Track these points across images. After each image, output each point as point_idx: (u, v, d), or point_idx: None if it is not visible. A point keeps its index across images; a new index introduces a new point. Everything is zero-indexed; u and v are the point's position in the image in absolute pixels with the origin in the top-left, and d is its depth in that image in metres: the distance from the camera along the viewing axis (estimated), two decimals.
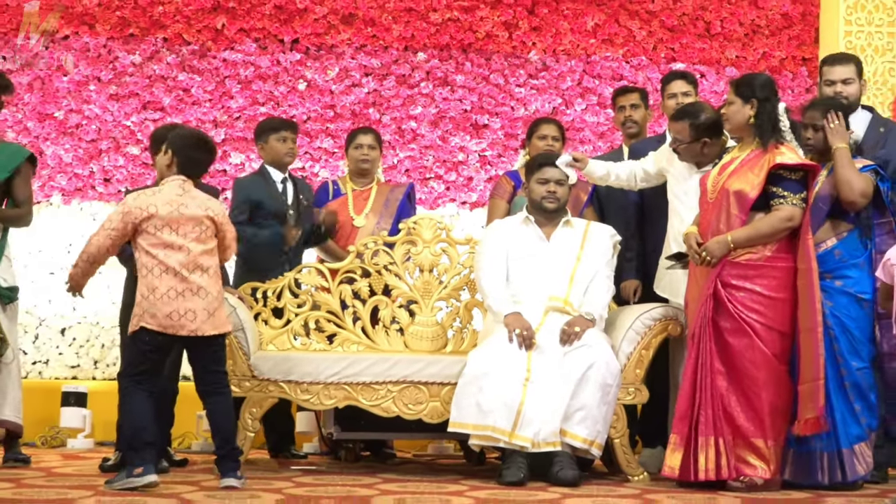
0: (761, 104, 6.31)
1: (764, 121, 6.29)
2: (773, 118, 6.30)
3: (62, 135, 9.55)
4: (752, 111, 6.33)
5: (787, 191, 6.20)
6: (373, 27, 9.71)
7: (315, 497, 5.73)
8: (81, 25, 9.58)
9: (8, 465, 6.90)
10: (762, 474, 6.17)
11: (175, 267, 5.75)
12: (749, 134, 6.38)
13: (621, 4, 9.81)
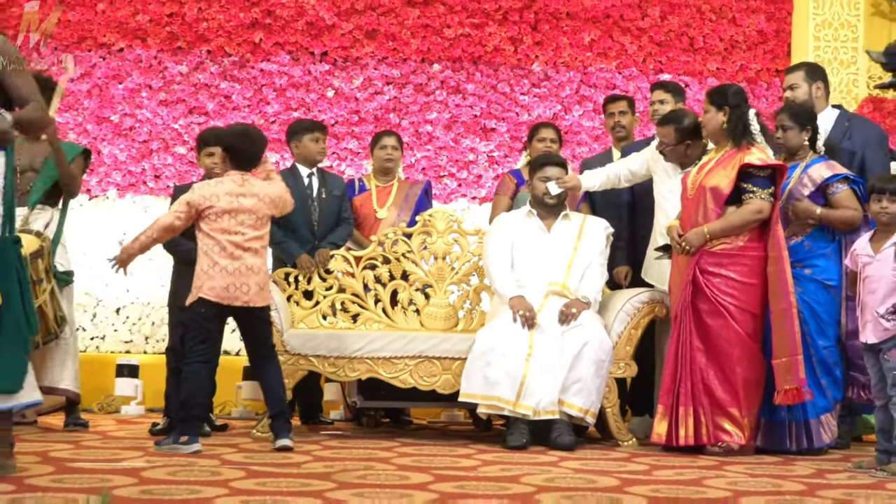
0: (733, 110, 6.36)
1: (735, 125, 6.34)
2: (743, 122, 6.33)
3: (117, 136, 9.55)
4: (724, 117, 6.38)
5: (756, 186, 6.24)
6: (393, 41, 9.70)
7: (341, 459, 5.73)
8: (135, 39, 9.59)
9: (68, 428, 6.93)
10: (737, 440, 6.20)
11: (231, 249, 5.86)
12: (723, 137, 6.42)
13: (615, 22, 9.79)
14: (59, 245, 6.87)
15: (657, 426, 6.36)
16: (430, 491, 4.71)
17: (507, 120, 9.72)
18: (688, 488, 4.96)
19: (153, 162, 9.55)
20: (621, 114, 7.70)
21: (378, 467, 5.43)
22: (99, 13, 9.58)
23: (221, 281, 5.86)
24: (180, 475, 5.00)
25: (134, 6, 9.59)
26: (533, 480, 5.07)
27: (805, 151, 6.51)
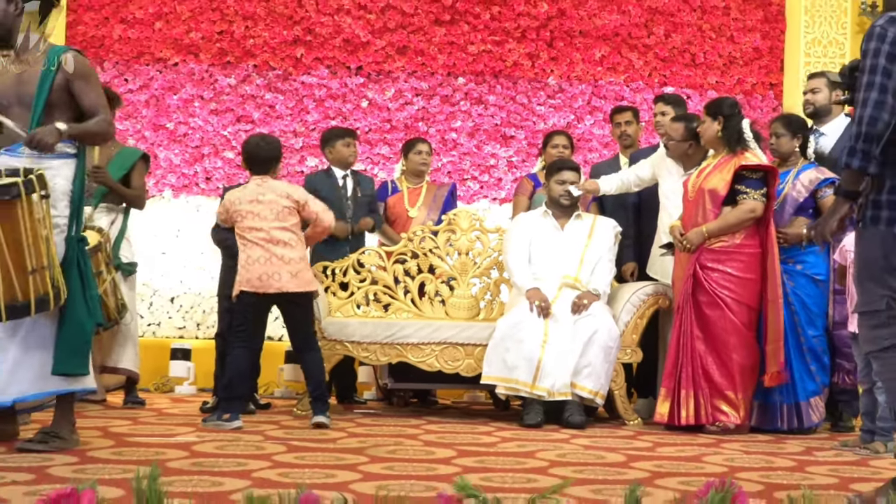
0: (727, 120, 6.40)
1: (729, 133, 6.39)
2: (737, 130, 6.38)
3: (172, 142, 9.57)
4: (719, 126, 6.43)
5: (749, 187, 6.28)
6: (422, 56, 9.69)
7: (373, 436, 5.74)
8: (188, 54, 9.61)
9: (127, 406, 6.96)
10: (734, 420, 6.21)
11: (260, 242, 5.94)
12: (719, 144, 6.46)
13: (623, 39, 9.76)
14: (123, 239, 6.92)
15: (660, 407, 6.37)
16: (453, 465, 4.72)
17: (524, 128, 9.70)
18: (688, 464, 4.95)
19: (204, 165, 9.56)
20: (627, 123, 7.70)
21: (406, 443, 5.44)
22: (156, 31, 9.60)
23: (256, 272, 5.95)
24: (227, 449, 5.02)
25: (187, 24, 9.61)
26: (547, 456, 5.08)
27: (796, 158, 6.52)
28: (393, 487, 4.01)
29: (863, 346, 4.07)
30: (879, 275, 3.82)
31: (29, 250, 4.67)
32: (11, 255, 4.65)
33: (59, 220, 4.88)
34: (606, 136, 9.52)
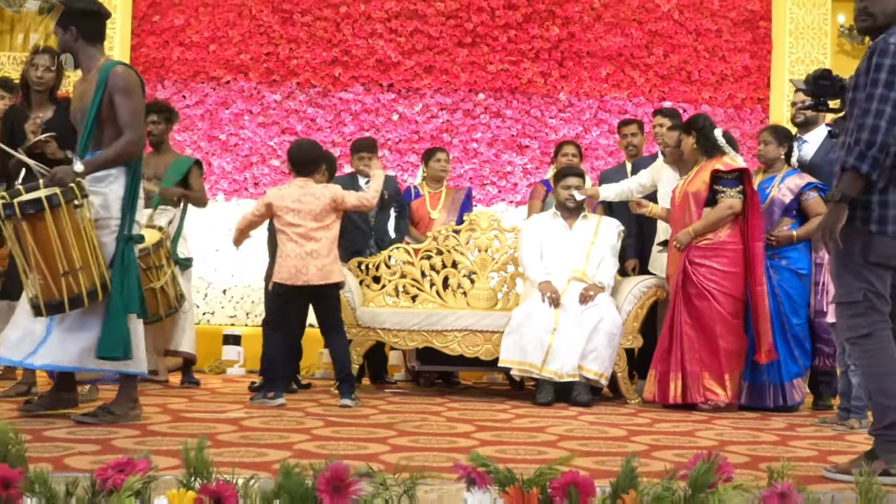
0: (699, 132, 6.47)
1: (703, 143, 6.45)
2: (710, 140, 6.43)
3: (224, 151, 9.61)
4: (693, 139, 6.48)
5: (725, 186, 6.33)
6: (446, 75, 9.69)
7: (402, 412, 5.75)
8: (239, 73, 9.64)
9: (184, 385, 6.98)
10: (723, 399, 6.20)
11: (296, 239, 5.94)
12: (697, 154, 6.51)
13: (626, 59, 9.74)
14: (180, 238, 6.95)
15: (649, 386, 6.42)
16: (472, 438, 4.72)
17: (537, 139, 9.69)
18: (682, 438, 4.94)
19: (253, 172, 9.60)
20: (633, 135, 7.68)
21: (431, 419, 5.45)
22: (210, 52, 9.64)
23: (288, 266, 5.94)
24: (272, 424, 5.04)
25: (238, 47, 9.64)
26: (556, 430, 5.08)
27: (781, 164, 6.52)
28: (417, 458, 4.02)
29: (840, 333, 4.06)
30: (858, 270, 3.81)
31: (59, 255, 4.68)
32: (45, 261, 4.68)
33: (112, 222, 4.90)
34: (611, 145, 9.50)
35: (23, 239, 4.68)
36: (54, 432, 4.49)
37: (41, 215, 4.61)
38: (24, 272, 4.77)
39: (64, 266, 4.67)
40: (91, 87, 4.88)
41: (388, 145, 9.52)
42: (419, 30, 9.69)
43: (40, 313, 4.76)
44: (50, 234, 4.65)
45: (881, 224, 3.76)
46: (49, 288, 4.69)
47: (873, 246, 3.77)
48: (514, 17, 9.72)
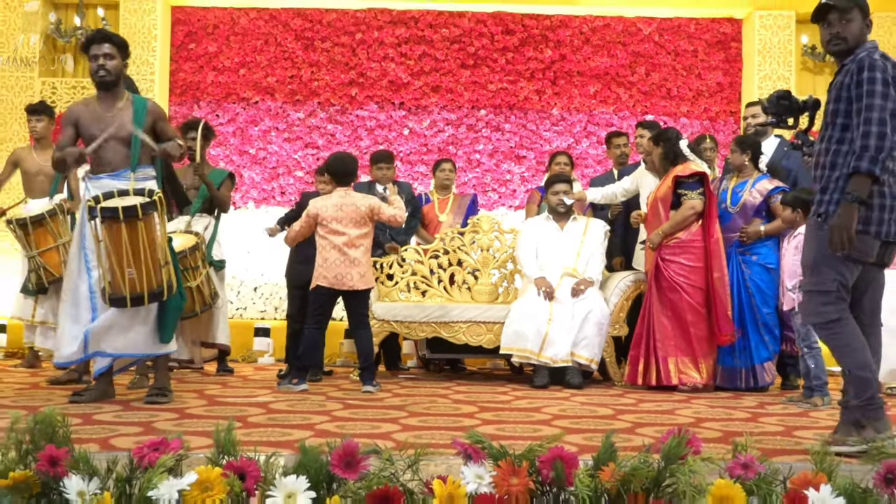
0: (665, 144, 6.52)
1: (668, 153, 6.50)
2: (674, 151, 6.49)
3: (254, 164, 9.62)
4: (660, 150, 6.53)
5: (687, 189, 6.39)
6: (451, 94, 9.70)
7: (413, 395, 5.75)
8: (266, 94, 9.67)
9: (219, 373, 6.99)
10: (699, 381, 6.23)
11: (339, 245, 5.90)
12: (664, 162, 6.54)
13: (612, 77, 9.74)
14: (214, 242, 6.96)
15: (627, 369, 6.48)
16: (475, 418, 4.72)
17: (533, 150, 9.69)
18: (663, 416, 4.93)
19: (279, 182, 9.61)
20: (624, 145, 7.70)
21: (439, 401, 5.44)
22: (240, 76, 9.66)
23: (332, 272, 5.90)
24: (297, 407, 5.04)
25: (265, 70, 9.66)
26: (550, 410, 5.07)
27: (750, 170, 6.50)
28: (424, 436, 4.02)
29: (807, 318, 4.01)
30: (834, 263, 3.78)
31: (145, 254, 4.83)
32: (135, 258, 4.83)
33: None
34: (600, 155, 9.50)
35: (114, 238, 4.80)
36: (102, 416, 4.51)
37: (135, 221, 4.79)
38: (115, 270, 4.86)
39: (149, 264, 4.85)
40: (127, 114, 5.07)
41: (400, 157, 9.53)
42: (427, 53, 9.70)
43: (122, 305, 4.88)
44: (139, 234, 4.81)
45: (865, 224, 3.74)
46: (135, 283, 4.83)
47: (855, 244, 3.73)
48: (512, 42, 9.72)
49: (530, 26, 9.73)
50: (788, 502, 2.10)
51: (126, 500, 2.14)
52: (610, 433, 2.32)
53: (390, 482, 2.12)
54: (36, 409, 4.69)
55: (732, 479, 2.15)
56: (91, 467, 2.18)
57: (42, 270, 6.48)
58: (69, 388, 5.59)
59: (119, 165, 5.03)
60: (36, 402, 5.06)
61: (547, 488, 2.16)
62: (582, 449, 3.58)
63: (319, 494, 2.14)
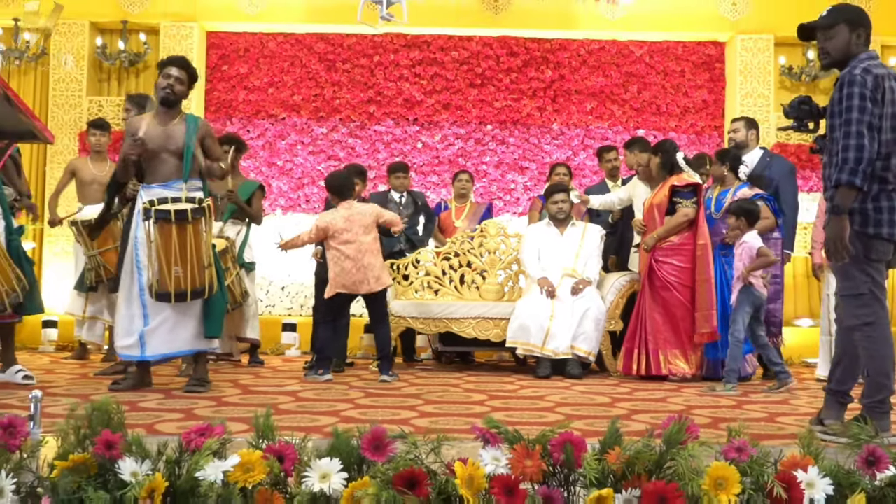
0: (663, 154, 6.50)
1: (664, 163, 6.48)
2: (671, 161, 6.46)
3: (281, 175, 9.62)
4: (658, 160, 6.52)
5: (682, 198, 6.37)
6: (460, 111, 9.68)
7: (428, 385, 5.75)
8: (292, 111, 9.66)
9: (251, 365, 7.00)
10: (687, 371, 6.23)
11: (352, 254, 5.86)
12: (661, 171, 6.52)
13: (607, 95, 9.71)
14: (246, 246, 6.97)
15: (619, 360, 6.47)
16: (485, 405, 4.72)
17: (535, 161, 9.67)
18: (656, 404, 4.93)
19: (304, 192, 9.60)
20: (615, 159, 7.68)
21: (451, 390, 5.45)
22: (269, 95, 9.66)
23: (350, 279, 5.88)
24: (322, 395, 5.05)
25: (291, 90, 9.66)
26: (553, 398, 5.07)
27: (732, 180, 6.46)
28: (440, 422, 4.02)
29: (846, 321, 3.84)
30: (862, 267, 3.70)
31: (191, 255, 4.91)
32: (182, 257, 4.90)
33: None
34: (595, 166, 9.45)
35: (165, 239, 4.87)
36: (147, 404, 4.52)
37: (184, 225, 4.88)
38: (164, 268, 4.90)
39: (194, 264, 4.91)
40: (180, 129, 5.12)
41: (414, 168, 9.51)
42: (438, 74, 9.69)
43: (167, 300, 4.94)
44: (188, 237, 4.89)
45: (877, 227, 3.68)
46: (182, 280, 4.89)
47: (872, 246, 3.70)
48: (515, 63, 9.71)
49: (532, 49, 9.72)
50: (779, 482, 2.09)
51: (175, 480, 2.14)
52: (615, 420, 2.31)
53: (415, 464, 2.11)
54: (86, 397, 4.73)
55: (727, 461, 2.14)
56: (143, 450, 2.18)
57: (101, 268, 6.57)
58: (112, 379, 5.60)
59: (172, 176, 5.09)
60: (86, 390, 5.09)
61: (558, 469, 2.15)
62: (584, 434, 3.57)
63: (351, 475, 2.13)
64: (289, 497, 2.10)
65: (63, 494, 2.11)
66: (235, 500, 2.08)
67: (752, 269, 5.63)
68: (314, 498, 2.08)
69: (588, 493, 2.08)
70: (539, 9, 8.73)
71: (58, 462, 2.15)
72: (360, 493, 2.06)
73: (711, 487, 2.08)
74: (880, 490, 2.16)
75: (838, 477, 2.14)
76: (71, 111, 9.27)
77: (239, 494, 2.10)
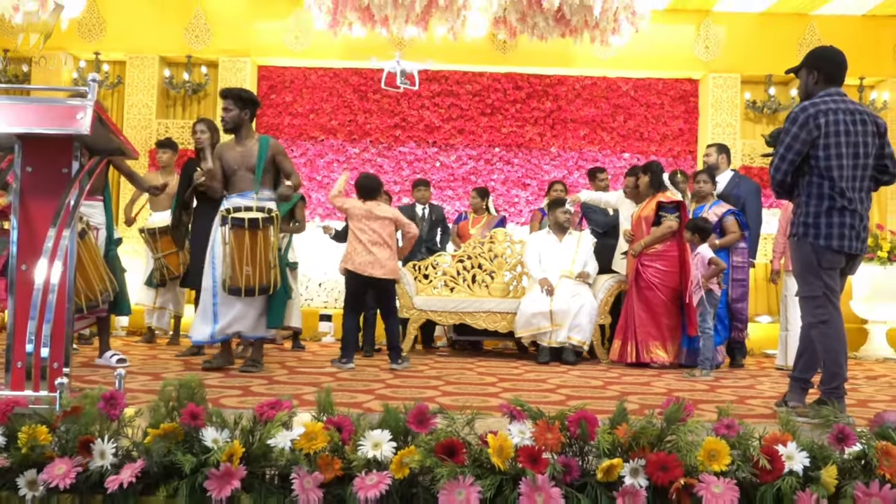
0: (651, 174, 6.48)
1: (652, 182, 6.48)
2: (658, 180, 6.47)
3: (320, 188, 9.64)
4: (647, 178, 6.51)
5: (667, 213, 6.36)
6: (472, 135, 9.70)
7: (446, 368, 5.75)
8: (329, 134, 9.68)
9: (294, 349, 7.03)
10: (667, 360, 6.23)
11: (364, 241, 5.69)
12: (649, 189, 6.51)
13: (598, 124, 9.71)
14: (290, 247, 6.98)
15: (613, 349, 6.47)
16: (496, 387, 4.72)
17: (536, 179, 9.67)
18: (642, 387, 4.92)
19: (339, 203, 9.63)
20: (602, 179, 7.65)
21: (467, 373, 5.45)
22: (310, 120, 9.69)
23: (357, 260, 5.68)
24: (357, 376, 5.06)
25: (329, 116, 9.68)
26: (553, 381, 5.07)
27: (710, 197, 6.47)
28: (460, 400, 4.03)
29: (804, 319, 3.88)
30: (818, 273, 3.76)
31: (259, 257, 4.94)
32: (254, 259, 4.92)
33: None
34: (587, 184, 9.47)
35: (239, 242, 4.89)
36: (210, 382, 4.53)
37: (256, 232, 4.92)
38: (236, 267, 4.92)
39: (262, 265, 4.93)
40: (253, 149, 5.11)
41: (433, 183, 9.52)
42: (454, 104, 9.70)
43: (237, 294, 4.95)
44: (258, 241, 4.92)
45: (828, 240, 3.73)
46: (251, 278, 4.92)
47: (825, 255, 3.75)
48: (520, 95, 9.72)
49: (534, 83, 9.73)
50: (764, 454, 2.09)
51: (249, 447, 2.15)
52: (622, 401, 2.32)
53: (453, 436, 2.12)
54: (157, 375, 4.74)
55: (718, 436, 2.14)
56: (223, 421, 2.19)
57: (164, 269, 6.63)
58: (187, 359, 5.63)
59: (246, 188, 5.10)
60: (156, 369, 5.10)
61: (574, 442, 2.16)
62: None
63: (399, 444, 2.14)
64: (346, 462, 2.10)
65: (156, 457, 2.12)
66: (301, 464, 2.09)
67: (709, 277, 5.70)
68: (368, 463, 2.09)
69: (600, 462, 2.09)
70: (541, 49, 8.71)
71: (151, 430, 2.16)
72: (407, 459, 2.07)
73: (705, 458, 2.08)
74: (848, 462, 2.16)
75: (813, 451, 2.14)
76: (142, 132, 9.31)
77: (304, 459, 2.11)
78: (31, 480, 2.13)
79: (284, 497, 2.09)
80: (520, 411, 2.19)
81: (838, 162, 3.70)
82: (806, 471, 2.09)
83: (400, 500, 2.07)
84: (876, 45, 9.20)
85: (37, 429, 2.18)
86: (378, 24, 6.80)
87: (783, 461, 2.08)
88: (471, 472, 2.04)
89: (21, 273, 2.82)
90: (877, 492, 2.07)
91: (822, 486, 2.07)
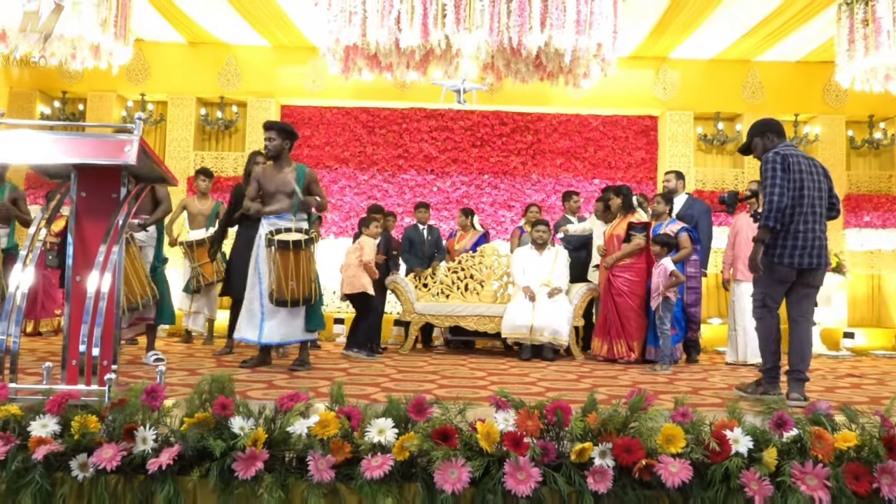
0: (624, 196, 6.51)
1: (623, 203, 6.49)
2: (628, 202, 6.49)
3: (334, 209, 9.64)
4: (619, 200, 6.53)
5: (636, 231, 6.36)
6: (465, 164, 9.70)
7: (442, 365, 5.72)
8: (342, 163, 9.68)
9: (311, 348, 6.97)
10: (633, 356, 6.17)
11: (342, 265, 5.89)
12: (621, 209, 6.52)
13: (572, 154, 9.73)
14: None
15: (596, 347, 6.43)
16: (485, 380, 4.70)
17: (519, 202, 9.67)
18: (611, 380, 4.91)
19: (351, 222, 9.61)
20: (575, 202, 7.63)
21: (460, 368, 5.43)
22: (325, 151, 9.69)
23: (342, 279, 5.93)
24: (365, 371, 5.04)
25: (342, 147, 9.69)
26: (535, 376, 5.06)
27: (666, 216, 6.47)
28: (455, 391, 4.01)
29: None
30: (763, 284, 4.08)
31: (302, 273, 4.88)
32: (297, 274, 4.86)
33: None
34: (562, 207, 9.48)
35: (284, 261, 4.83)
36: (239, 377, 4.51)
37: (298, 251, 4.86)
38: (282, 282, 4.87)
39: (304, 279, 4.87)
40: (291, 177, 5.05)
41: (431, 205, 9.52)
42: (449, 137, 9.72)
43: (283, 305, 4.89)
44: (301, 259, 4.86)
45: (780, 257, 3.98)
46: (295, 291, 4.86)
47: (776, 269, 4.00)
48: (505, 129, 9.74)
49: (518, 120, 9.75)
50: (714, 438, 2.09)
51: (272, 433, 2.14)
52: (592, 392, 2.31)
53: (447, 423, 2.11)
54: (193, 371, 4.72)
55: (675, 423, 2.14)
56: (249, 411, 2.18)
57: (200, 276, 6.63)
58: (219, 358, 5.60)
59: (283, 210, 5.04)
60: (192, 365, 5.08)
61: (551, 428, 2.15)
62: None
63: (400, 430, 2.13)
64: (355, 446, 2.09)
65: (191, 443, 2.11)
66: (316, 448, 2.08)
67: (668, 287, 5.71)
68: (374, 447, 2.08)
69: (573, 445, 2.08)
70: (523, 91, 8.72)
71: (186, 419, 2.15)
72: (407, 443, 2.06)
73: (664, 442, 2.08)
74: (787, 445, 2.16)
75: (756, 435, 2.14)
76: (181, 162, 9.30)
77: (318, 444, 2.10)
78: (83, 463, 2.12)
79: (301, 476, 2.08)
80: (505, 402, 2.18)
81: (799, 193, 3.93)
82: (750, 452, 2.08)
83: (401, 479, 2.06)
84: (809, 87, 9.25)
85: (87, 418, 2.17)
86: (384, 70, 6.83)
87: (730, 444, 2.07)
88: (462, 455, 2.03)
89: (76, 283, 2.82)
90: (811, 470, 2.07)
91: (763, 466, 2.06)
